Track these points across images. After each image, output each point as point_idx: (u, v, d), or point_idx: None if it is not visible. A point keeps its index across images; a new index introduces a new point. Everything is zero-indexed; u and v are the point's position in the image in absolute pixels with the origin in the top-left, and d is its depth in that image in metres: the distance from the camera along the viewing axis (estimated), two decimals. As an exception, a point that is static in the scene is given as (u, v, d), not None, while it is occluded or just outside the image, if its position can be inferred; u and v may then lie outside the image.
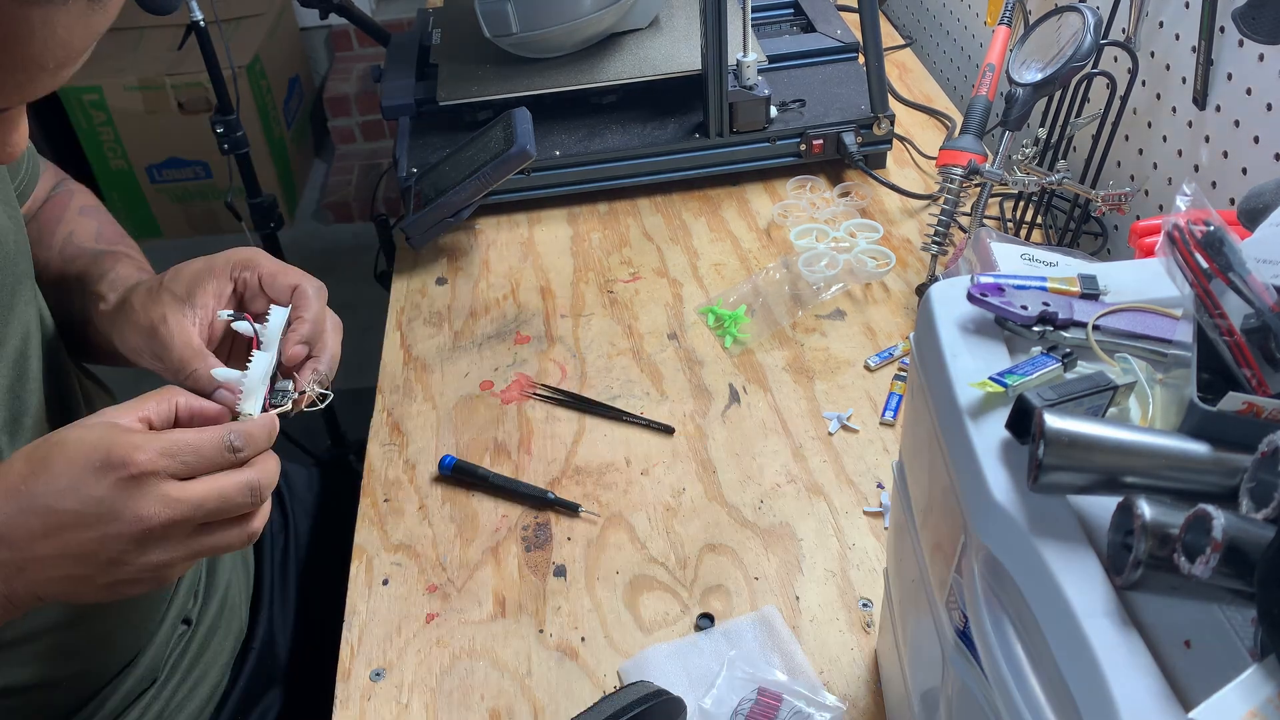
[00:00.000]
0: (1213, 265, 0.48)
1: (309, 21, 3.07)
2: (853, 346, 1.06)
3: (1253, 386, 0.46)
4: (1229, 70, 0.94)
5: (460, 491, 0.94)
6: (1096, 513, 0.46)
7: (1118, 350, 0.53)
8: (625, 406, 1.01)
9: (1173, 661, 0.41)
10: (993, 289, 0.55)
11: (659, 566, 0.87)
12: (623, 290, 1.16)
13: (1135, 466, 0.45)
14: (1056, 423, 0.45)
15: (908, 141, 1.35)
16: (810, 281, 1.12)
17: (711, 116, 1.24)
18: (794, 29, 1.52)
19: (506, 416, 1.02)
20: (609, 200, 1.31)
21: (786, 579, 0.85)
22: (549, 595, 0.85)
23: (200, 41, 1.52)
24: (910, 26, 1.78)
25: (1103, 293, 0.57)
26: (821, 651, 0.79)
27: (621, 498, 0.92)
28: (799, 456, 0.95)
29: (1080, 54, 0.98)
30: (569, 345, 1.09)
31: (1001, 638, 0.46)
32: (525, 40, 1.29)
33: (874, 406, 0.99)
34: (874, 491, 0.91)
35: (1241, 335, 0.47)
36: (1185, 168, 1.03)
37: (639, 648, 0.80)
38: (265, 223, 1.73)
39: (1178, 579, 0.40)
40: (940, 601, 0.54)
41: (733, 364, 1.05)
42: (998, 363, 0.53)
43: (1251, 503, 0.42)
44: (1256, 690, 0.37)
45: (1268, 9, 0.82)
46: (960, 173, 1.06)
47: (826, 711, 0.73)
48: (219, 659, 0.85)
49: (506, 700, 0.78)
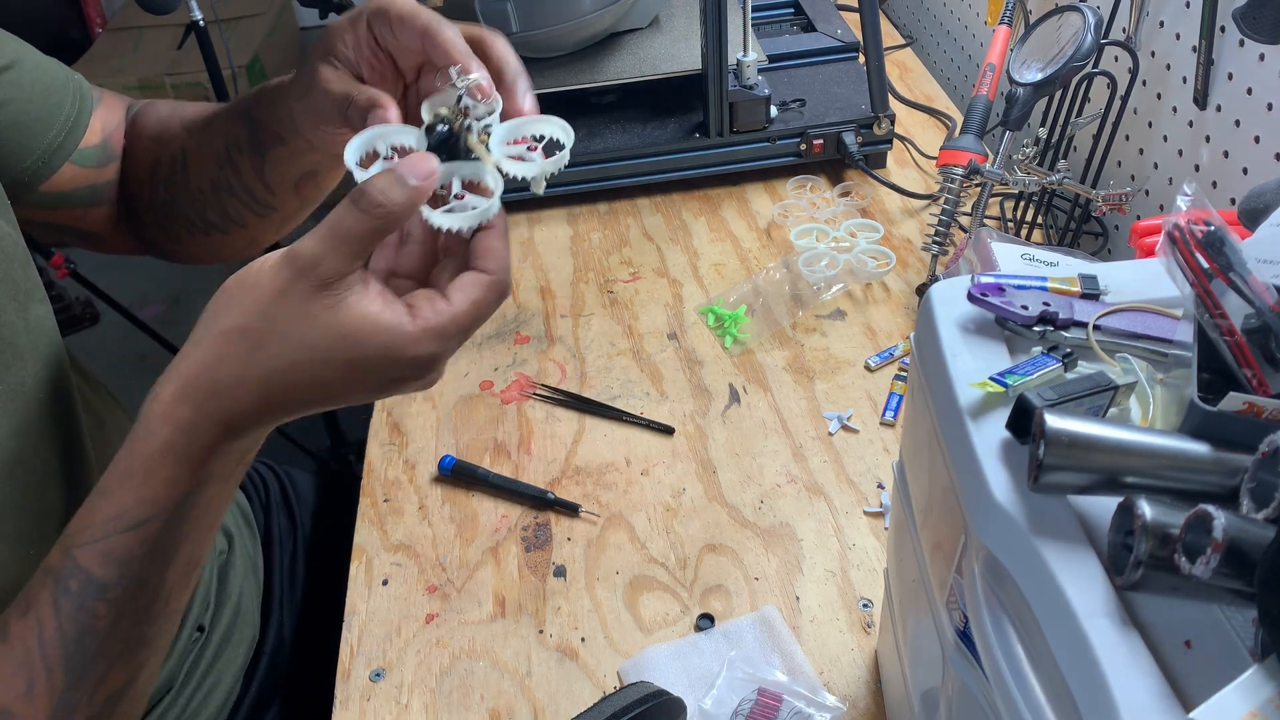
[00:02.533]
0: (1213, 265, 0.48)
1: (309, 21, 3.07)
2: (853, 346, 1.06)
3: (1253, 386, 0.46)
4: (1229, 70, 0.94)
5: (460, 491, 0.94)
6: (1096, 513, 0.46)
7: (1118, 350, 0.53)
8: (625, 406, 1.01)
9: (1173, 661, 0.41)
10: (993, 289, 0.55)
11: (659, 567, 0.87)
12: (623, 290, 1.16)
13: (1135, 466, 0.45)
14: (1057, 423, 0.44)
15: (908, 141, 1.35)
16: (810, 281, 1.12)
17: (711, 116, 1.24)
18: (794, 29, 1.52)
19: (506, 416, 1.02)
20: (609, 200, 1.31)
21: (786, 579, 0.85)
22: (549, 595, 0.85)
23: (200, 41, 1.52)
24: (910, 26, 1.78)
25: (1103, 293, 0.57)
26: (821, 651, 0.79)
27: (621, 498, 0.92)
28: (799, 456, 0.95)
29: (1081, 54, 0.98)
30: (569, 345, 1.09)
31: (1001, 638, 0.46)
32: (525, 40, 1.29)
33: (874, 406, 0.99)
34: (874, 491, 0.91)
35: (1242, 335, 0.47)
36: (1186, 168, 1.03)
37: (639, 648, 0.80)
38: (265, 223, 1.73)
39: (1178, 579, 0.40)
40: (940, 601, 0.54)
41: (733, 364, 1.05)
42: (998, 363, 0.53)
43: (1252, 503, 0.42)
44: (1257, 690, 0.37)
45: (1268, 9, 0.82)
46: (960, 173, 1.06)
47: (826, 711, 0.73)
48: (232, 665, 0.85)
49: (506, 700, 0.78)
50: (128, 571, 0.53)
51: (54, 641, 0.53)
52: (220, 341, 0.52)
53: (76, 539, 0.54)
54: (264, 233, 0.79)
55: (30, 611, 0.53)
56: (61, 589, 0.53)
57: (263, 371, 0.52)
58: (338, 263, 0.51)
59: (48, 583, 0.53)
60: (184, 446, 0.52)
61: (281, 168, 0.71)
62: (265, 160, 0.71)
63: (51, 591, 0.53)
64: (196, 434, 0.52)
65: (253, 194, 0.74)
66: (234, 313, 0.52)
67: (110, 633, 0.54)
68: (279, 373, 0.52)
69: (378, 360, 0.52)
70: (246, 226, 0.77)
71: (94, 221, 0.79)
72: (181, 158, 0.76)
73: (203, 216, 0.77)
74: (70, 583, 0.53)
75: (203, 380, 0.52)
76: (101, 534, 0.53)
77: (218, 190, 0.75)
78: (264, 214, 0.76)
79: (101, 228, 0.80)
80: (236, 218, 0.77)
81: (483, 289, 0.54)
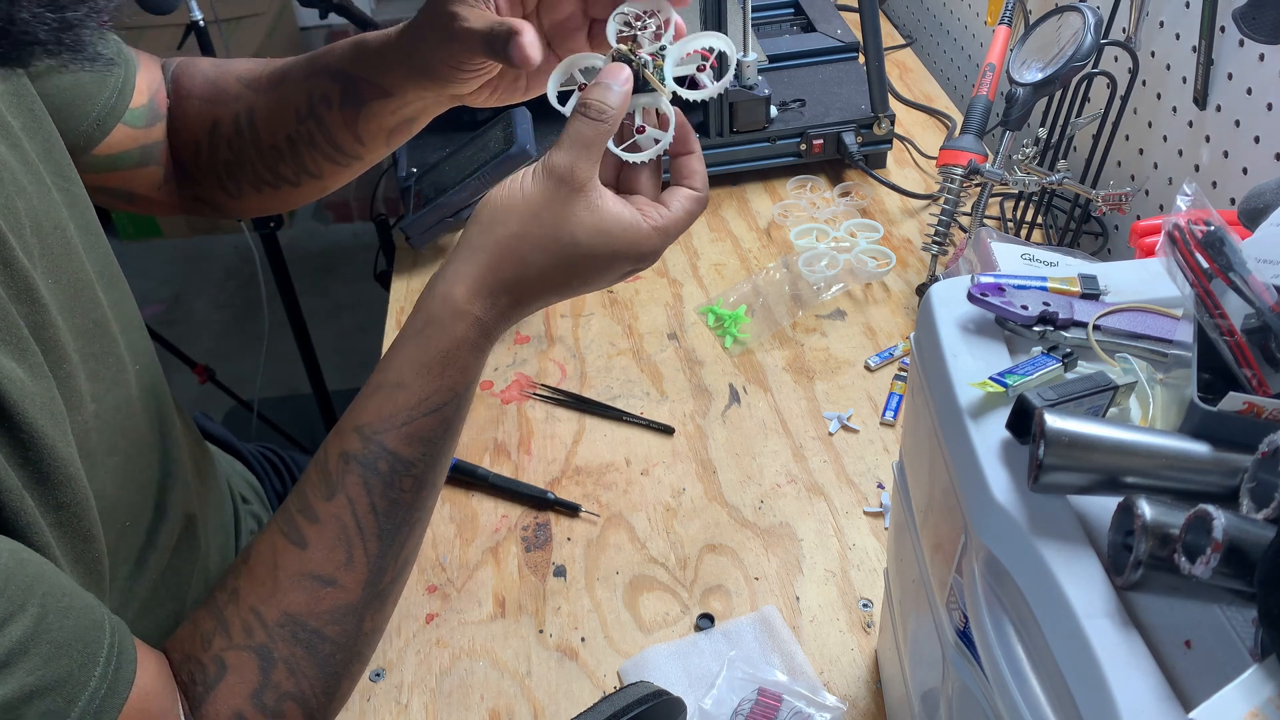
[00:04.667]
0: (1213, 265, 0.48)
1: (309, 21, 3.06)
2: (853, 346, 1.06)
3: (1253, 386, 0.46)
4: (1229, 70, 0.94)
5: (460, 491, 0.94)
6: (1096, 513, 0.46)
7: (1118, 350, 0.53)
8: (625, 406, 1.01)
9: (1173, 661, 0.41)
10: (993, 289, 0.55)
11: (659, 567, 0.87)
12: (623, 290, 1.16)
13: (1135, 466, 0.45)
14: (1057, 423, 0.45)
15: (908, 141, 1.35)
16: (810, 281, 1.12)
17: (711, 116, 1.24)
18: (794, 29, 1.52)
19: (506, 416, 1.02)
20: (609, 200, 1.30)
21: (786, 579, 0.85)
22: (549, 595, 0.85)
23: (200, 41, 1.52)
24: (910, 26, 1.78)
25: (1103, 293, 0.57)
26: (821, 651, 0.79)
27: (621, 498, 0.92)
28: (799, 456, 0.95)
29: (1080, 54, 0.98)
30: (569, 345, 1.09)
31: (1001, 638, 0.46)
32: (525, 40, 1.29)
33: (874, 406, 0.99)
34: (874, 491, 0.91)
35: (1242, 335, 0.47)
36: (1186, 167, 1.03)
37: (639, 648, 0.80)
38: (265, 223, 1.73)
39: (1178, 579, 0.40)
40: (940, 601, 0.54)
41: (733, 364, 1.05)
42: (998, 363, 0.53)
43: (1252, 503, 0.42)
44: (1257, 690, 0.37)
45: (1268, 9, 0.82)
46: (960, 173, 1.06)
47: (826, 711, 0.73)
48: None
49: (506, 700, 0.78)
50: (429, 450, 0.62)
51: (368, 515, 0.61)
52: (501, 247, 0.61)
53: (377, 426, 0.61)
54: (337, 182, 0.81)
55: (338, 494, 0.61)
56: (371, 470, 0.61)
57: (541, 269, 0.61)
58: (586, 168, 0.60)
59: (353, 467, 0.61)
60: (477, 338, 0.62)
61: (379, 119, 0.74)
62: (361, 113, 0.74)
63: (359, 474, 0.61)
64: (486, 328, 0.62)
65: (339, 146, 0.76)
66: (510, 222, 0.61)
67: (412, 503, 0.63)
68: (553, 268, 0.61)
69: (624, 251, 0.62)
70: (322, 178, 0.79)
71: (143, 183, 0.80)
72: (248, 116, 0.78)
73: (274, 171, 0.79)
74: (379, 464, 0.61)
75: (490, 280, 0.61)
76: (406, 419, 0.61)
77: (295, 144, 0.77)
78: (347, 164, 0.79)
79: (150, 189, 0.81)
80: (314, 170, 0.79)
81: (695, 202, 0.65)
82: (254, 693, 0.58)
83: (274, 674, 0.59)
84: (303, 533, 0.61)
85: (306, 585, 0.60)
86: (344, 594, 0.61)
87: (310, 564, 0.60)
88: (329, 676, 0.61)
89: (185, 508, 0.74)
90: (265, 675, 0.59)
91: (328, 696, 0.61)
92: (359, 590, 0.61)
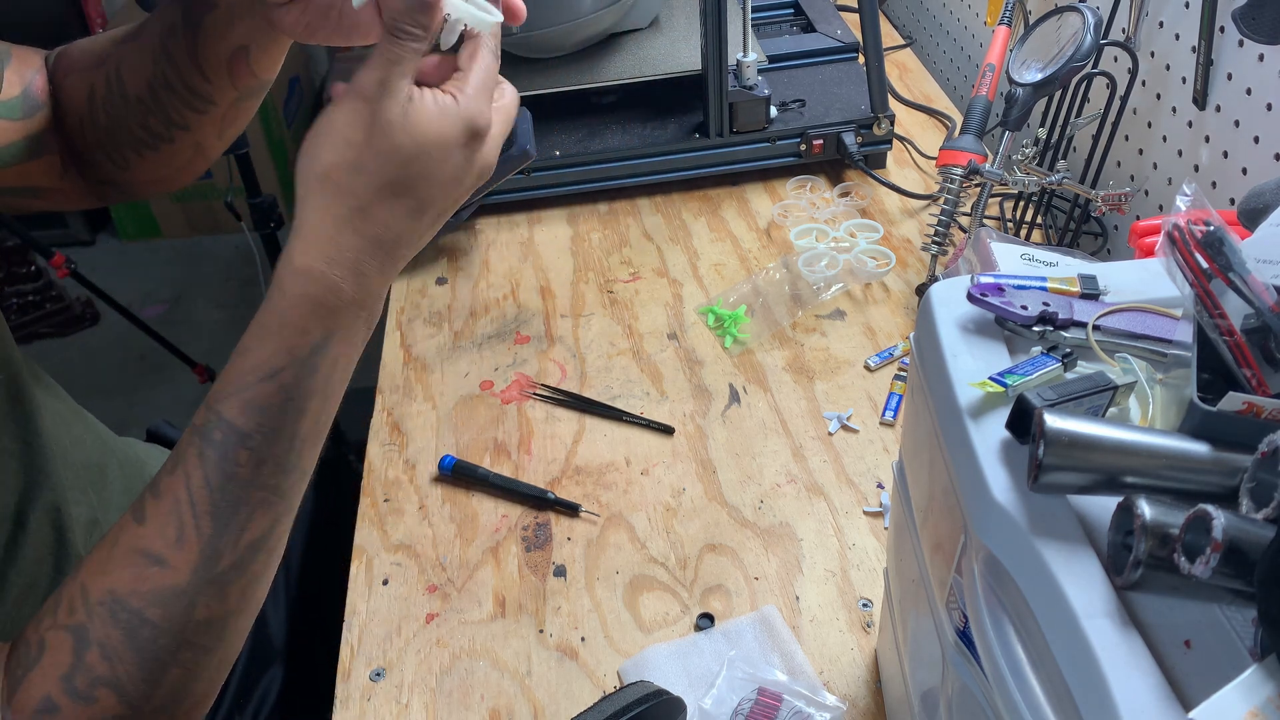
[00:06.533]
0: (1213, 265, 0.48)
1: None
2: (853, 346, 1.06)
3: (1253, 386, 0.46)
4: (1229, 70, 0.94)
5: (460, 491, 0.94)
6: (1096, 513, 0.46)
7: (1118, 350, 0.53)
8: (625, 406, 1.01)
9: (1173, 661, 0.41)
10: (993, 289, 0.55)
11: (659, 566, 0.87)
12: (623, 290, 1.16)
13: (1135, 466, 0.45)
14: (1056, 423, 0.45)
15: (908, 141, 1.35)
16: (810, 281, 1.12)
17: (711, 116, 1.24)
18: (794, 29, 1.52)
19: (506, 416, 1.02)
20: (609, 200, 1.31)
21: (786, 579, 0.85)
22: (549, 595, 0.85)
23: (200, 41, 1.52)
24: (910, 26, 1.78)
25: (1103, 293, 0.57)
26: (821, 651, 0.79)
27: (621, 498, 0.92)
28: (799, 456, 0.95)
29: (1080, 54, 0.98)
30: (569, 345, 1.09)
31: (1001, 638, 0.46)
32: (525, 40, 1.29)
33: (874, 406, 0.99)
34: (874, 491, 0.91)
35: (1241, 335, 0.47)
36: (1185, 168, 1.03)
37: (639, 648, 0.80)
38: (265, 223, 1.73)
39: (1178, 579, 0.40)
40: (940, 601, 0.54)
41: (733, 364, 1.05)
42: (998, 363, 0.53)
43: (1251, 503, 0.42)
44: (1256, 690, 0.37)
45: (1268, 9, 0.82)
46: (960, 173, 1.06)
47: (826, 711, 0.73)
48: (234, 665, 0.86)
49: (506, 700, 0.78)
50: (265, 421, 0.57)
51: (201, 490, 0.57)
52: (321, 184, 0.56)
53: (219, 394, 0.57)
54: (207, 136, 0.79)
55: (178, 467, 0.57)
56: (207, 441, 0.57)
57: (374, 192, 0.57)
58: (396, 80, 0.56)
59: (194, 440, 0.57)
60: (320, 293, 0.57)
61: (213, 45, 0.72)
62: (198, 37, 0.71)
63: (198, 446, 0.57)
64: (331, 282, 0.57)
65: (191, 87, 0.74)
66: (323, 156, 0.56)
67: (251, 480, 0.57)
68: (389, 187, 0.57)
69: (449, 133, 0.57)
70: (190, 129, 0.77)
71: (42, 175, 0.78)
72: (116, 72, 0.76)
73: (145, 126, 0.77)
74: (214, 434, 0.57)
75: (323, 226, 0.57)
76: (241, 385, 0.57)
77: (155, 90, 0.75)
78: (204, 109, 0.76)
79: (52, 180, 0.79)
80: (179, 119, 0.76)
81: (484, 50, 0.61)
82: (65, 675, 0.55)
83: (87, 656, 0.55)
84: (145, 508, 0.57)
85: (135, 562, 0.56)
86: (172, 575, 0.56)
87: (143, 540, 0.57)
88: (150, 663, 0.56)
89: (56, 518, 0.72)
90: (78, 657, 0.55)
91: (149, 685, 0.57)
92: (188, 572, 0.56)
